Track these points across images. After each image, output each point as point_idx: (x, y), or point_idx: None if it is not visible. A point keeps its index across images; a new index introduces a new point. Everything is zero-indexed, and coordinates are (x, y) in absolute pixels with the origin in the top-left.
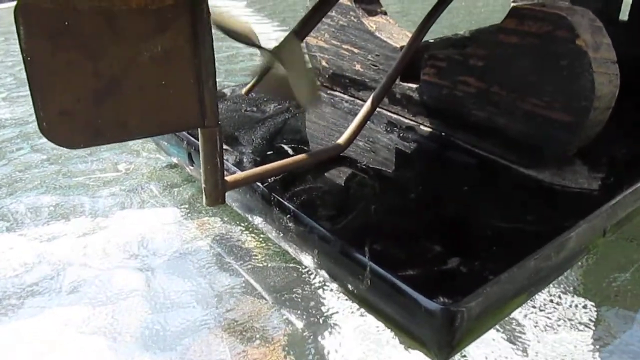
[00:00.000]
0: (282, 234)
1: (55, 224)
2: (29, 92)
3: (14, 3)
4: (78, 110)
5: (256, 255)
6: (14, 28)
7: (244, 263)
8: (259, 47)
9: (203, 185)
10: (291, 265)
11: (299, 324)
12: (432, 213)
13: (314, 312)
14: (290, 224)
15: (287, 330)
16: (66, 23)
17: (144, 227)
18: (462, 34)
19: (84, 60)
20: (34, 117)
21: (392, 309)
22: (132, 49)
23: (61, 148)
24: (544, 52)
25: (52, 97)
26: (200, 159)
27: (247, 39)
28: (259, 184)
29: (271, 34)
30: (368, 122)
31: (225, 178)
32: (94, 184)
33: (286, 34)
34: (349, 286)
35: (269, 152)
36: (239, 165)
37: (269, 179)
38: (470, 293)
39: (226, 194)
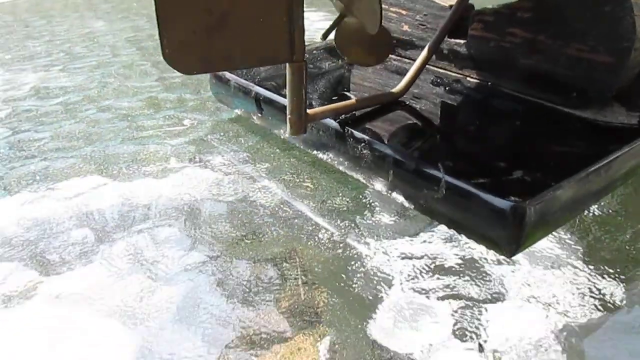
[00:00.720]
0: (354, 163)
1: (138, 167)
2: (83, 65)
3: None
4: (194, 41)
5: (320, 192)
6: (52, 12)
7: (310, 201)
8: None
9: (288, 116)
10: (357, 192)
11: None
12: (491, 140)
13: (383, 233)
14: (364, 151)
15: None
16: None
17: (217, 169)
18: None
19: None
20: (94, 84)
21: (464, 214)
22: None
23: (126, 107)
24: (588, 0)
25: (173, 29)
26: (287, 92)
27: None
28: (331, 120)
29: None
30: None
31: (307, 111)
32: (165, 135)
33: None
34: (422, 201)
35: (333, 98)
36: (309, 107)
37: (341, 116)
38: (536, 195)
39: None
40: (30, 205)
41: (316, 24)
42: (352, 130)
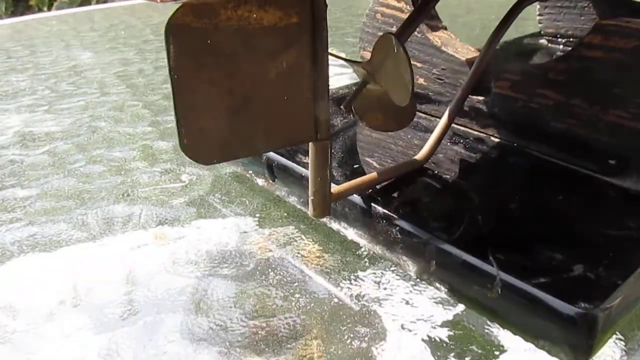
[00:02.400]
0: (387, 247)
1: (132, 234)
2: (70, 105)
3: (34, 16)
4: (214, 127)
5: (339, 265)
6: (36, 41)
7: (330, 273)
8: (352, 62)
9: (311, 197)
10: (389, 273)
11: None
12: (538, 222)
13: (433, 326)
14: (399, 236)
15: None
16: (209, 41)
17: (220, 236)
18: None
19: (221, 78)
20: (83, 129)
21: (525, 316)
22: (262, 66)
23: (119, 159)
24: (630, 66)
25: (194, 115)
26: (310, 171)
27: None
28: (356, 196)
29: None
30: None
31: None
32: (163, 194)
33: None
34: (474, 296)
35: (355, 165)
36: (332, 179)
37: (367, 191)
38: (606, 298)
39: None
40: (18, 284)
41: (333, 68)
42: (383, 210)
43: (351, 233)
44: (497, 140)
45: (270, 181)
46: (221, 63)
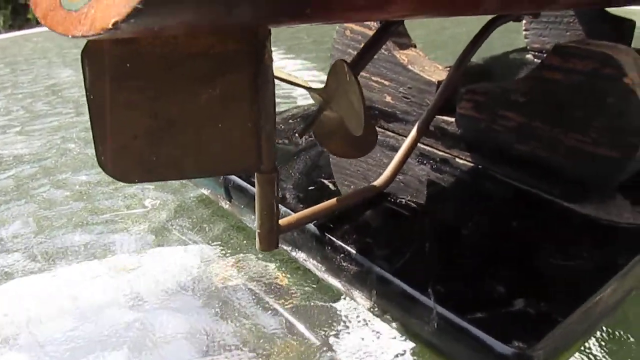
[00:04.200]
0: (334, 274)
1: (88, 263)
2: (43, 126)
3: (18, 33)
4: (134, 147)
5: (295, 294)
6: (19, 59)
7: (284, 302)
8: (309, 88)
9: (257, 230)
10: (338, 303)
11: None
12: (487, 250)
13: (362, 352)
14: (343, 264)
15: None
16: (128, 65)
17: (178, 265)
18: (474, 62)
19: (144, 101)
20: (52, 152)
21: (459, 352)
22: (190, 92)
23: (83, 183)
24: (589, 89)
25: (111, 134)
26: (256, 203)
27: (299, 82)
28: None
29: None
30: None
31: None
32: (122, 221)
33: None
34: (411, 327)
35: (310, 188)
36: (283, 201)
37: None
38: (543, 337)
39: None
40: None
41: (296, 73)
42: (331, 238)
43: (303, 259)
44: (461, 162)
45: (228, 202)
46: (142, 87)
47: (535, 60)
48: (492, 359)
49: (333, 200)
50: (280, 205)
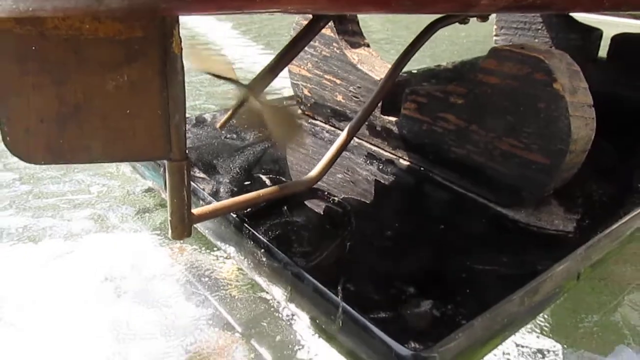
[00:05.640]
0: (254, 267)
1: (22, 246)
2: None
3: None
4: (41, 129)
5: (226, 286)
6: None
7: (213, 293)
8: (234, 81)
9: (169, 218)
10: (261, 296)
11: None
12: (407, 252)
13: (282, 345)
14: (263, 259)
15: None
16: (33, 48)
17: (113, 253)
18: (444, 66)
19: (49, 84)
20: None
21: (362, 350)
22: (97, 77)
23: (34, 167)
24: (522, 94)
25: (17, 116)
26: (167, 191)
27: (223, 74)
28: (233, 214)
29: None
30: (348, 152)
31: (192, 211)
32: (65, 206)
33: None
34: (320, 324)
35: (246, 182)
36: (215, 195)
37: (240, 212)
38: (442, 339)
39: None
40: None
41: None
42: (253, 231)
43: (230, 252)
44: (405, 163)
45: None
46: (48, 70)
47: None
48: (390, 359)
49: (255, 193)
50: (210, 197)
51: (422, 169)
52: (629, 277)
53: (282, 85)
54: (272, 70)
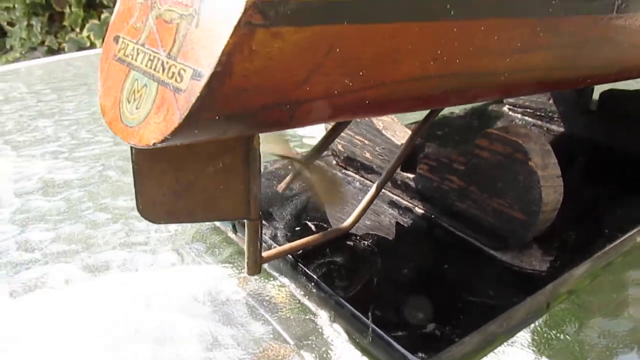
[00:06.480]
0: (305, 294)
1: (125, 275)
2: (86, 153)
3: (62, 57)
4: (163, 201)
5: (282, 309)
6: (65, 84)
7: (272, 314)
8: (291, 158)
9: (246, 260)
10: (309, 317)
11: None
12: (419, 285)
13: (327, 356)
14: (313, 290)
15: None
16: (161, 149)
17: (193, 281)
18: (457, 113)
19: (171, 170)
20: (95, 179)
21: (385, 358)
22: (203, 164)
23: (120, 207)
24: (506, 167)
25: (148, 192)
26: (245, 241)
27: (282, 153)
28: (289, 255)
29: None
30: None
31: (262, 254)
32: (152, 241)
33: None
34: (357, 340)
35: (297, 228)
36: (274, 239)
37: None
38: (441, 351)
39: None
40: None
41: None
42: (305, 269)
43: (287, 283)
44: (420, 211)
45: (234, 233)
46: (171, 160)
47: (510, 113)
48: None
49: (306, 239)
50: (271, 240)
51: (433, 216)
52: (596, 305)
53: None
54: (322, 147)
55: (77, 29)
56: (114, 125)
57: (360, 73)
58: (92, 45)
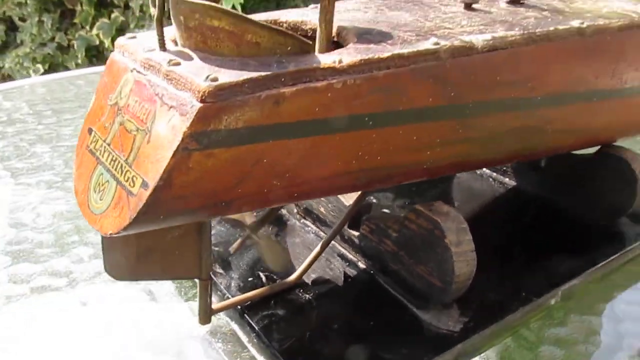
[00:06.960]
0: (250, 343)
1: (115, 307)
2: None
3: (64, 75)
4: (126, 263)
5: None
6: (65, 105)
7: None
8: (241, 224)
9: (198, 311)
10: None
11: None
12: (344, 342)
13: None
14: (255, 340)
15: None
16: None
17: (161, 317)
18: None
19: (133, 237)
20: None
21: None
22: (161, 233)
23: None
24: (428, 241)
25: (113, 255)
26: (198, 295)
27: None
28: (238, 306)
29: None
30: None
31: (213, 306)
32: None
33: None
34: None
35: (249, 279)
36: (228, 288)
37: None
38: None
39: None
40: None
41: None
42: (249, 320)
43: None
44: (363, 266)
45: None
46: (137, 235)
47: (490, 179)
48: None
49: (256, 291)
50: (225, 290)
51: (372, 272)
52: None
53: None
54: (267, 217)
55: (87, 27)
56: (83, 208)
57: (287, 175)
58: (101, 44)
